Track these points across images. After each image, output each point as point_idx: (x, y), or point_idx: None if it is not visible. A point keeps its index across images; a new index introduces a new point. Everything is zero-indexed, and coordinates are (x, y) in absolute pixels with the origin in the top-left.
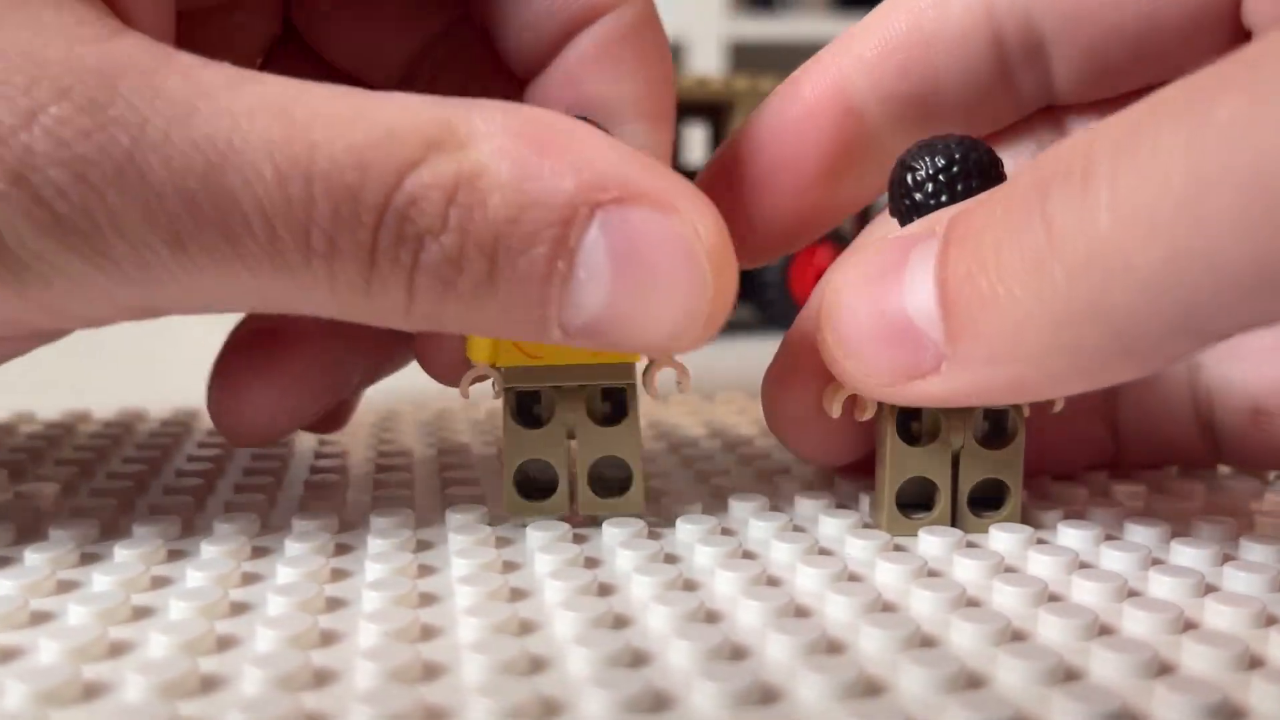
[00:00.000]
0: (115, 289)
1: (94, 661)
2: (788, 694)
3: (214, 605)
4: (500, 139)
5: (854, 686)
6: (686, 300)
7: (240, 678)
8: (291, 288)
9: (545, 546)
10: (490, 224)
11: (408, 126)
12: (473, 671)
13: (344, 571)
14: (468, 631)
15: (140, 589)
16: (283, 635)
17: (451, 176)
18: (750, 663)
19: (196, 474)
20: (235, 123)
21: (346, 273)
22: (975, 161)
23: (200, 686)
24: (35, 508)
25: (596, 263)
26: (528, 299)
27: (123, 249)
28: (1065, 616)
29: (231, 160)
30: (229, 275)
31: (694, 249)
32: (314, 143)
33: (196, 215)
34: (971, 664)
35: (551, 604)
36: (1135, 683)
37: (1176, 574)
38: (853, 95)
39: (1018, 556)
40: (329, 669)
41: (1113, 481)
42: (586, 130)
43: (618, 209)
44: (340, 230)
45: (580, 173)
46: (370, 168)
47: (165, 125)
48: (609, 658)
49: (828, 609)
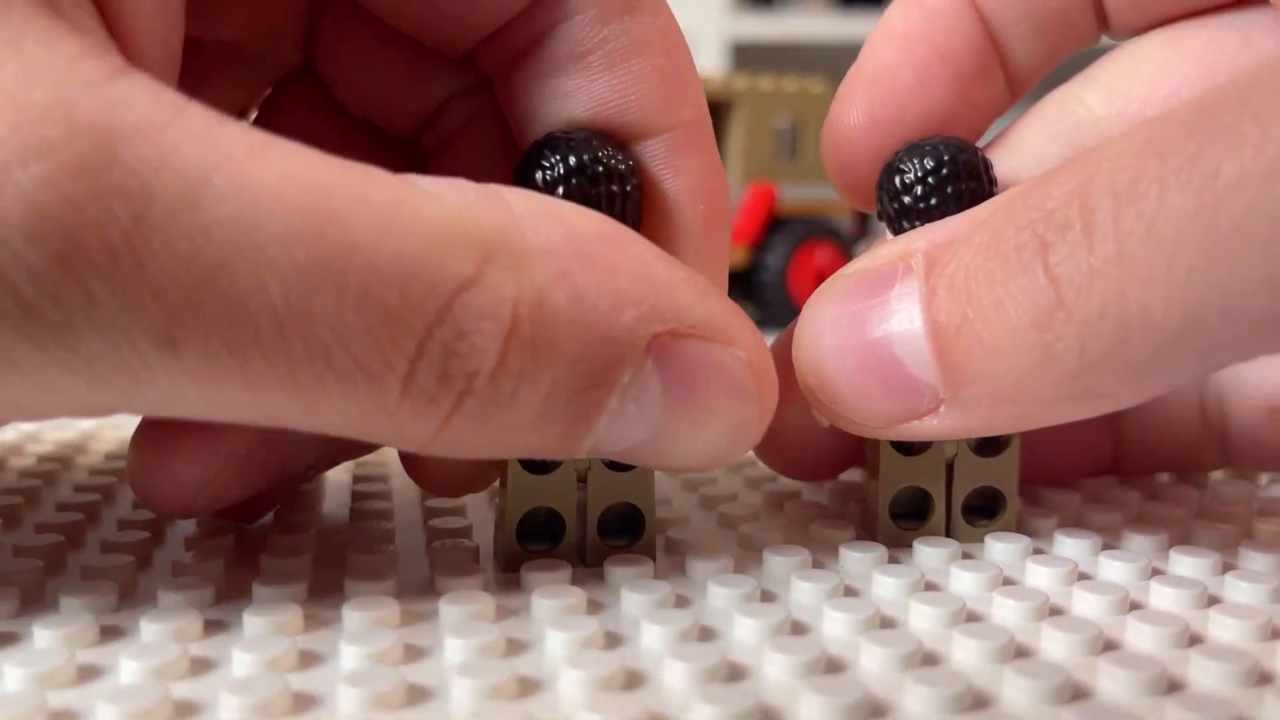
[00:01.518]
0: (80, 390)
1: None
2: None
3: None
4: (556, 257)
5: (857, 707)
6: (732, 427)
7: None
8: (296, 407)
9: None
10: (547, 364)
11: (459, 231)
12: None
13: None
14: (454, 654)
15: (60, 685)
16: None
17: (509, 306)
18: (748, 683)
19: (141, 525)
20: (256, 204)
21: (370, 400)
22: (964, 164)
23: None
24: None
25: (649, 398)
26: (571, 432)
27: (98, 346)
28: (1069, 631)
29: (248, 253)
30: (222, 386)
31: (744, 379)
32: (352, 245)
33: (197, 314)
34: (977, 680)
35: (541, 622)
36: (1144, 700)
37: (1178, 585)
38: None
39: (1015, 568)
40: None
41: (1107, 488)
42: (639, 245)
43: (672, 343)
44: (372, 356)
45: (639, 304)
46: (415, 283)
47: (173, 202)
48: (603, 680)
49: (825, 625)
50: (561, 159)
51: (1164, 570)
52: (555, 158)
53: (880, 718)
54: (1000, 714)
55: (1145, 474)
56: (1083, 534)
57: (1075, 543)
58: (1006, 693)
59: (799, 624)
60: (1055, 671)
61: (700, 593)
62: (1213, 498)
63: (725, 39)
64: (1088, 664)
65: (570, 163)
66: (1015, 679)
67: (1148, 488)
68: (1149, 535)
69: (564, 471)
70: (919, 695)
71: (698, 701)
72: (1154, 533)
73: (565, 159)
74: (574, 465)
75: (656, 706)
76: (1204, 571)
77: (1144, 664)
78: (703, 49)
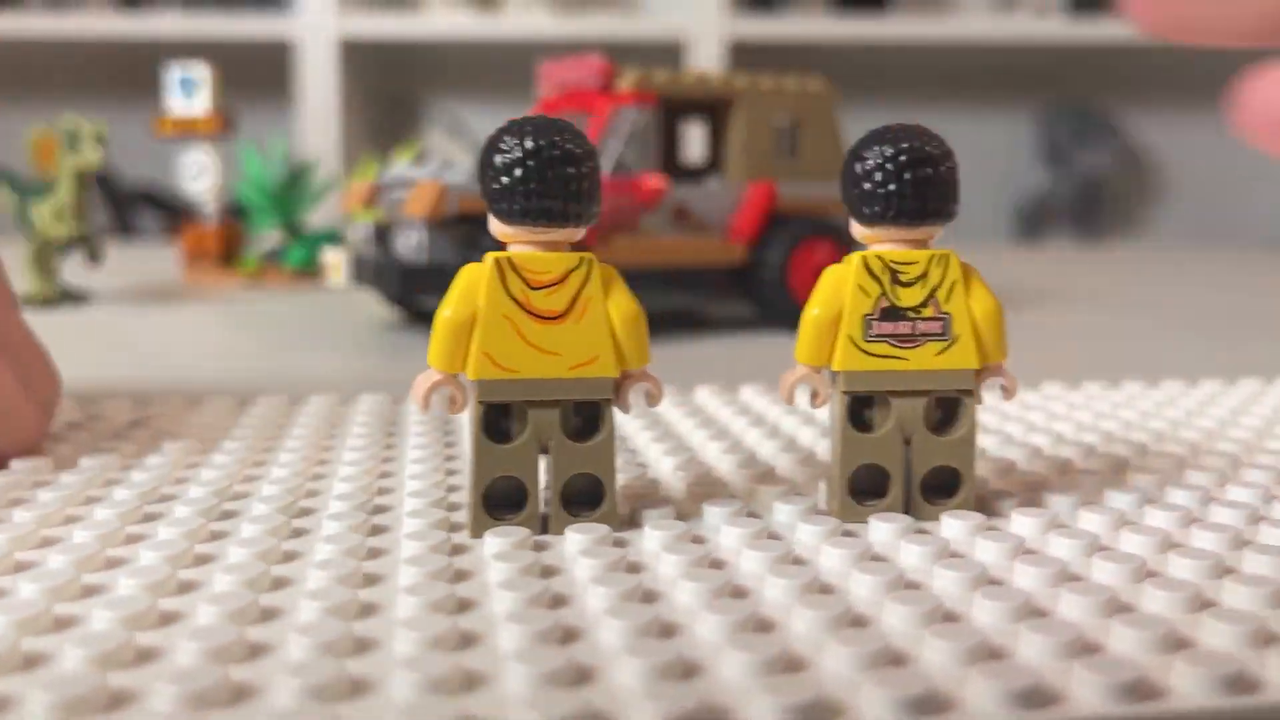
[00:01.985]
0: None
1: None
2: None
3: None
4: None
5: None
6: None
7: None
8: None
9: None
10: None
11: None
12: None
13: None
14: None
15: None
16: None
17: None
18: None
19: None
20: None
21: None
22: (921, 151)
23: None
24: None
25: None
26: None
27: None
28: (998, 601)
29: None
30: None
31: None
32: None
33: None
34: (898, 643)
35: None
36: (1059, 664)
37: (1120, 560)
38: None
39: (964, 543)
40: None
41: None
42: None
43: None
44: None
45: None
46: None
47: None
48: (541, 634)
49: (766, 590)
50: (518, 143)
51: (1112, 547)
52: (513, 141)
53: (799, 671)
54: (918, 673)
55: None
56: (1037, 512)
57: (1029, 521)
58: (926, 654)
59: (739, 588)
60: (974, 634)
61: (656, 561)
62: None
63: (725, 39)
64: (1010, 630)
65: (527, 146)
66: (935, 642)
67: (1117, 460)
68: (1101, 515)
69: (527, 442)
70: (839, 655)
71: (626, 656)
72: (1104, 512)
73: (522, 143)
74: (537, 436)
75: (589, 659)
76: (1146, 548)
77: (1064, 629)
78: (703, 49)
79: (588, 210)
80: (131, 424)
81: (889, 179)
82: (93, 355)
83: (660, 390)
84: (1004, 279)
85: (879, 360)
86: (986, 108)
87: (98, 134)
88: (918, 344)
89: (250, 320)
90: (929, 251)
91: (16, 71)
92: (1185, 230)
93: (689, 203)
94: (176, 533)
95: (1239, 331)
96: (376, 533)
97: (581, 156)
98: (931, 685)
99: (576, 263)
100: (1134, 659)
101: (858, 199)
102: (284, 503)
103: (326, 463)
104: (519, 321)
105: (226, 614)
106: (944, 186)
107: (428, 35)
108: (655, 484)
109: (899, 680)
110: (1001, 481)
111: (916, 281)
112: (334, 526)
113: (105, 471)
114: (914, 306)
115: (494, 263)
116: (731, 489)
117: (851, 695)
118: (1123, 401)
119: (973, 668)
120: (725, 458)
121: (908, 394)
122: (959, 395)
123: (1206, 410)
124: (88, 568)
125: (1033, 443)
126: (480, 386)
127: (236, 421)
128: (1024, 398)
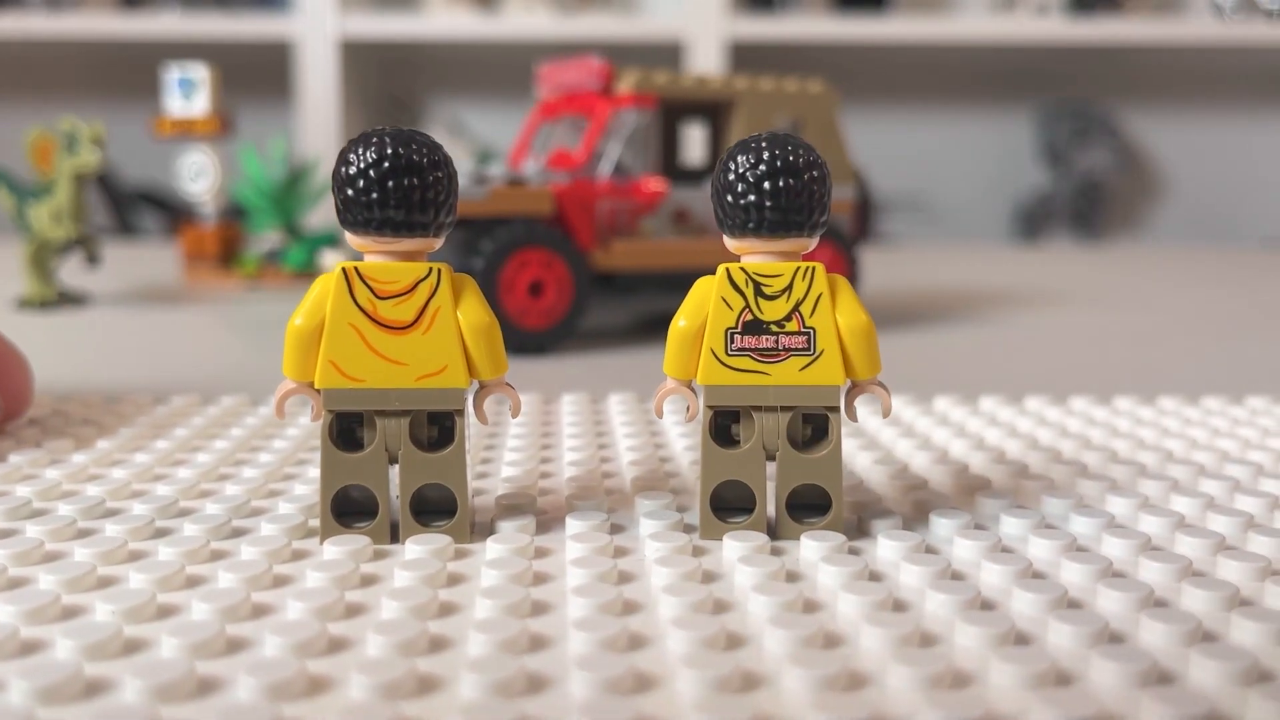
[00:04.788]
0: None
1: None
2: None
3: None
4: None
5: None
6: None
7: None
8: None
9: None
10: None
11: None
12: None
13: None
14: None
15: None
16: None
17: None
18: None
19: None
20: None
21: None
22: (784, 161)
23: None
24: None
25: None
26: None
27: None
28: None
29: None
30: None
31: None
32: None
33: None
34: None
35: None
36: (901, 651)
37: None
38: None
39: (810, 564)
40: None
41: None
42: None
43: None
44: None
45: None
46: None
47: None
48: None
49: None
50: (363, 154)
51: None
52: (359, 153)
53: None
54: (757, 654)
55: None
56: (904, 536)
57: (892, 544)
58: (768, 643)
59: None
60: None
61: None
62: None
63: (725, 39)
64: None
65: (369, 158)
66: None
67: (1017, 470)
68: (978, 541)
69: (375, 451)
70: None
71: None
72: (985, 538)
73: (366, 154)
74: (385, 445)
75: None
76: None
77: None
78: (702, 49)
79: (435, 220)
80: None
81: (749, 190)
82: (91, 357)
83: (518, 402)
84: (1004, 279)
85: (740, 375)
86: (986, 108)
87: (95, 136)
88: (781, 358)
89: (249, 320)
90: (794, 264)
91: (16, 72)
92: (1184, 230)
93: (689, 205)
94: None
95: (1239, 331)
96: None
97: (427, 167)
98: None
99: (425, 272)
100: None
101: (721, 210)
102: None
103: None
104: (365, 331)
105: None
106: (807, 197)
107: (428, 35)
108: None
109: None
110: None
111: (781, 295)
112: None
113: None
114: (778, 320)
115: (340, 272)
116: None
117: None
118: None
119: (814, 652)
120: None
121: (771, 409)
122: (825, 412)
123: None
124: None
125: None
126: (327, 395)
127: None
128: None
